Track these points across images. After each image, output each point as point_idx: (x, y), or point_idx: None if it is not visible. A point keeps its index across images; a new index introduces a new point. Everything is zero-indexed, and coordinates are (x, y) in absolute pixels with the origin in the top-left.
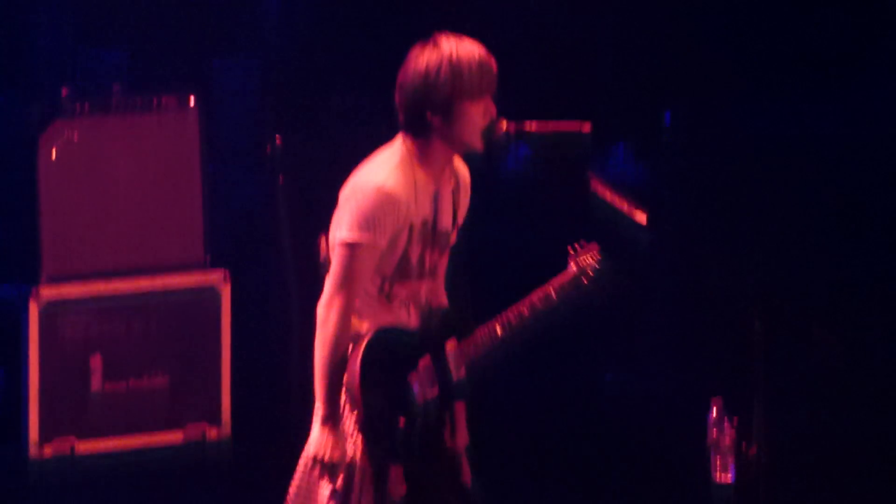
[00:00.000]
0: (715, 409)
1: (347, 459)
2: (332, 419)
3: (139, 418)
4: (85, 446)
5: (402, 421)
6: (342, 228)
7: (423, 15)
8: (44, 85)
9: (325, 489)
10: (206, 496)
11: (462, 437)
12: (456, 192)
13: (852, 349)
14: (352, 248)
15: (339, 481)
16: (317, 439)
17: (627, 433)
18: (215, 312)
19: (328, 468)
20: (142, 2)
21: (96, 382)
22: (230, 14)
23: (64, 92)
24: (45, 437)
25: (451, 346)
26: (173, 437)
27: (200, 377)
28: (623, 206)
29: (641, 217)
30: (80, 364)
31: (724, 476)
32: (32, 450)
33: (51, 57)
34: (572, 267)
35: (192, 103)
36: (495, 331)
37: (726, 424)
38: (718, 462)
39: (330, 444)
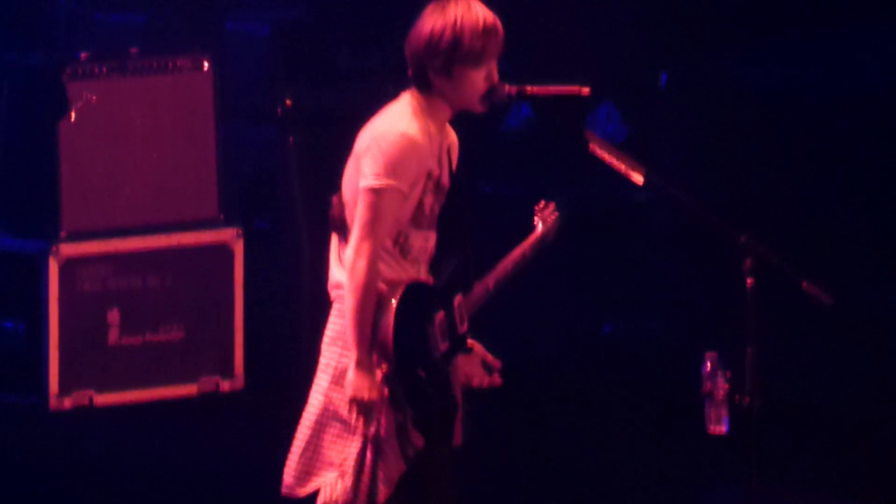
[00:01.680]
0: (709, 363)
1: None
2: (366, 362)
3: (155, 371)
4: (103, 398)
5: (422, 373)
6: (367, 176)
7: None
8: (64, 48)
9: (350, 445)
10: (219, 447)
11: (458, 395)
12: (450, 151)
13: (842, 300)
14: (378, 193)
15: (374, 425)
16: (353, 382)
17: (626, 383)
18: (229, 268)
19: (365, 409)
20: None
21: (114, 336)
22: None
23: (83, 55)
24: (64, 390)
25: (457, 300)
26: (188, 389)
27: (214, 331)
28: (620, 166)
29: (638, 178)
30: (99, 318)
31: (718, 428)
32: (52, 402)
33: (70, 21)
34: (539, 225)
35: (206, 65)
36: (488, 285)
37: (720, 378)
38: (713, 414)
39: (367, 386)
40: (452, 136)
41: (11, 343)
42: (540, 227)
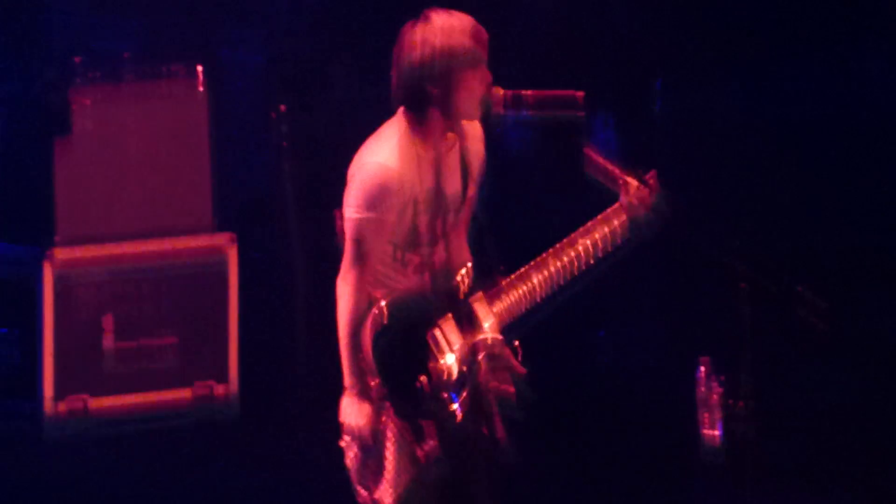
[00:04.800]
0: (703, 367)
1: (374, 425)
2: (356, 388)
3: (149, 376)
4: (97, 403)
5: (423, 380)
6: (350, 206)
7: None
8: (57, 53)
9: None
10: (214, 451)
11: (496, 391)
12: (465, 154)
13: (836, 307)
14: (359, 224)
15: (368, 445)
16: (343, 407)
17: (620, 388)
18: (223, 274)
19: (355, 433)
20: None
21: (108, 341)
22: None
23: (77, 60)
24: (59, 395)
25: (476, 300)
26: (182, 394)
27: (208, 336)
28: (616, 174)
29: (633, 186)
30: (93, 324)
31: (712, 432)
32: (47, 406)
33: (64, 26)
34: (625, 201)
35: (199, 71)
36: (534, 289)
37: (713, 382)
38: (706, 418)
39: (354, 412)
40: (470, 137)
41: (6, 348)
42: (626, 201)
